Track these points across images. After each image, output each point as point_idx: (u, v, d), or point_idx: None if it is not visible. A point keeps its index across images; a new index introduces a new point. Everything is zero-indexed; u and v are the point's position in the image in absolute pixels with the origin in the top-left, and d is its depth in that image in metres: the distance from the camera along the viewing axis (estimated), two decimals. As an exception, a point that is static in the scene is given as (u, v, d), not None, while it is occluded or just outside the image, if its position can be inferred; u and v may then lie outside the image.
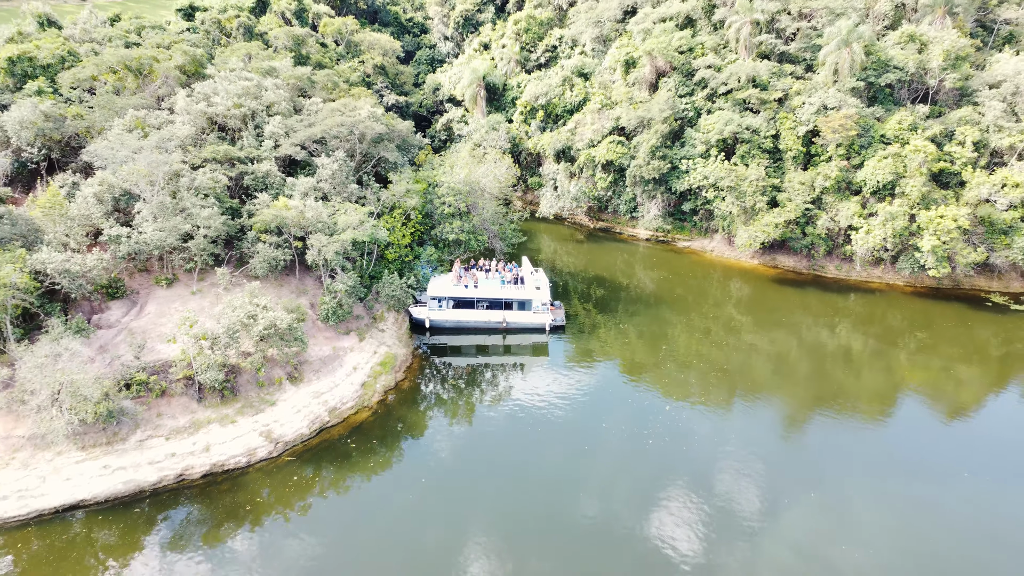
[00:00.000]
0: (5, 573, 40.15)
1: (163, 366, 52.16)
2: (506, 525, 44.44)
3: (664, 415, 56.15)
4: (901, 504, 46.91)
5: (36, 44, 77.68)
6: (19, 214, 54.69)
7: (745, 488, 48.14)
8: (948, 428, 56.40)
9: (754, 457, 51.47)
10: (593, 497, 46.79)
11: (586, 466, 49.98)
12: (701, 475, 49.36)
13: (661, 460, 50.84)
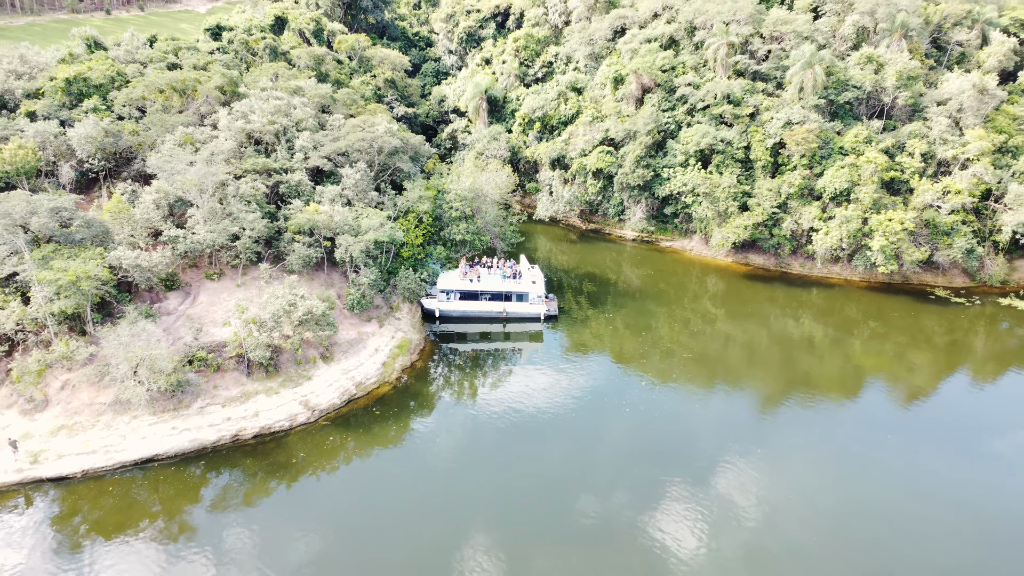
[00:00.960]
0: (98, 512, 49.95)
1: (217, 346, 62.05)
2: (500, 469, 54.33)
3: (641, 389, 66.08)
4: (831, 457, 56.87)
5: (89, 66, 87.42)
6: (92, 218, 64.52)
7: (701, 445, 58.12)
8: (886, 401, 66.31)
9: (714, 421, 61.51)
10: (575, 444, 56.70)
11: (573, 426, 59.87)
12: (666, 435, 59.37)
13: (635, 422, 60.79)
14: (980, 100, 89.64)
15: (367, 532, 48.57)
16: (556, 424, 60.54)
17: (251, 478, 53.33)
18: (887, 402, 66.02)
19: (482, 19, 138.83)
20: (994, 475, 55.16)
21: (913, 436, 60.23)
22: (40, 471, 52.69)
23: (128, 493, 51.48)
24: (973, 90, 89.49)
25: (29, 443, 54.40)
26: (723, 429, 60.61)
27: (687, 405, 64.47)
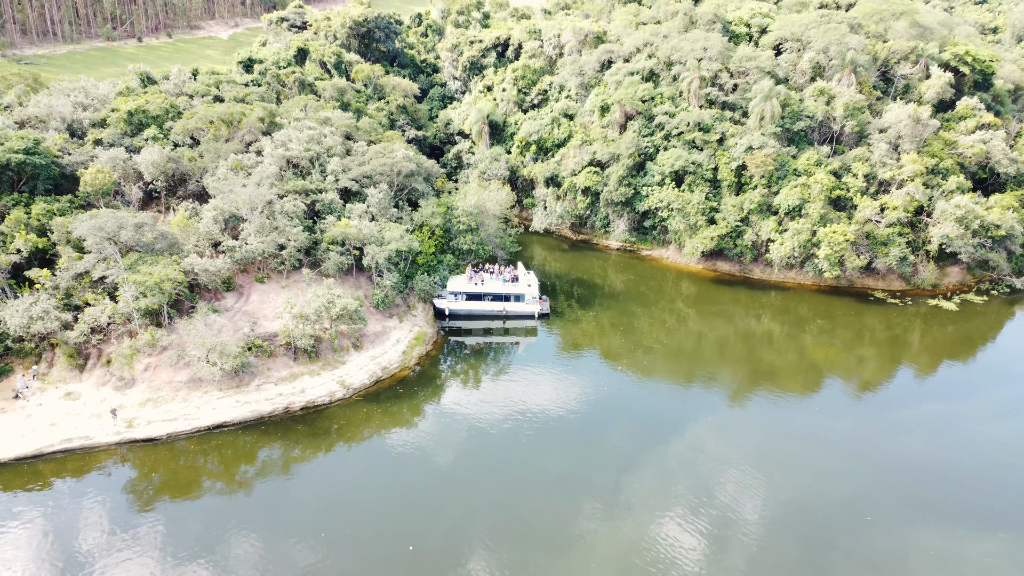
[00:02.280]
0: (179, 465, 63.67)
1: (270, 336, 75.91)
2: (497, 430, 68.14)
3: (618, 374, 79.93)
4: (770, 424, 70.71)
5: (146, 99, 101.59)
6: (166, 231, 78.50)
7: (664, 416, 71.99)
8: (824, 384, 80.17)
9: (684, 401, 75.42)
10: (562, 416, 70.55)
11: (562, 405, 73.70)
12: (633, 404, 73.24)
13: (611, 397, 74.64)
14: (915, 128, 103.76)
15: (392, 481, 62.24)
16: (546, 399, 74.34)
17: (300, 441, 67.08)
18: (824, 384, 79.84)
19: (484, 49, 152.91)
20: (892, 436, 68.89)
21: (839, 409, 74.12)
22: (134, 434, 66.43)
23: (203, 451, 65.21)
24: (909, 120, 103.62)
25: (123, 412, 68.15)
26: (690, 406, 74.48)
27: (659, 386, 78.33)
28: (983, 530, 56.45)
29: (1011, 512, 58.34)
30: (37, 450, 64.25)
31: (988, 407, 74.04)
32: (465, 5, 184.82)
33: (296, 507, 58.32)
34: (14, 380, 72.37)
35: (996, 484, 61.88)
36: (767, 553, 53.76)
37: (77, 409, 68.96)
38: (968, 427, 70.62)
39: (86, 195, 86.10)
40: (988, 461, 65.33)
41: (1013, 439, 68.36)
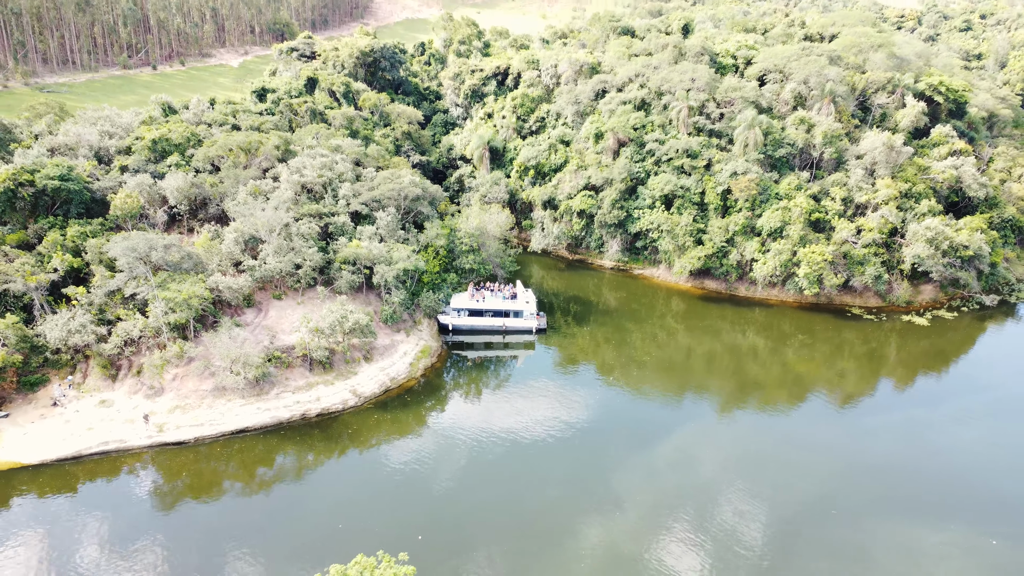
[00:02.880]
0: (205, 466, 69.59)
1: (287, 348, 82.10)
2: (496, 431, 74.12)
3: (611, 385, 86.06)
4: (750, 430, 76.78)
5: (169, 128, 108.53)
6: (193, 251, 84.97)
7: (653, 423, 78.05)
8: (803, 393, 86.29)
9: (665, 409, 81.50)
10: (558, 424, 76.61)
11: (558, 414, 79.74)
12: (624, 412, 79.30)
13: (604, 405, 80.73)
14: (890, 155, 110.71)
15: (402, 480, 68.15)
16: (543, 406, 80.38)
17: (316, 444, 73.06)
18: (803, 394, 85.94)
19: (484, 78, 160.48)
20: (862, 441, 74.92)
21: (815, 417, 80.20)
22: (164, 437, 72.43)
23: (228, 453, 71.18)
24: (884, 147, 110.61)
25: (154, 418, 74.19)
26: (677, 414, 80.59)
27: (649, 396, 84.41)
28: (938, 522, 62.34)
29: (964, 507, 64.25)
30: (76, 452, 70.23)
31: (952, 415, 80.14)
32: (466, 35, 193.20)
33: (315, 502, 64.23)
34: (51, 389, 78.41)
35: (953, 483, 67.84)
36: (739, 541, 59.59)
37: (111, 415, 75.01)
38: (932, 433, 76.67)
39: (115, 218, 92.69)
40: (948, 462, 71.32)
41: (972, 443, 74.40)
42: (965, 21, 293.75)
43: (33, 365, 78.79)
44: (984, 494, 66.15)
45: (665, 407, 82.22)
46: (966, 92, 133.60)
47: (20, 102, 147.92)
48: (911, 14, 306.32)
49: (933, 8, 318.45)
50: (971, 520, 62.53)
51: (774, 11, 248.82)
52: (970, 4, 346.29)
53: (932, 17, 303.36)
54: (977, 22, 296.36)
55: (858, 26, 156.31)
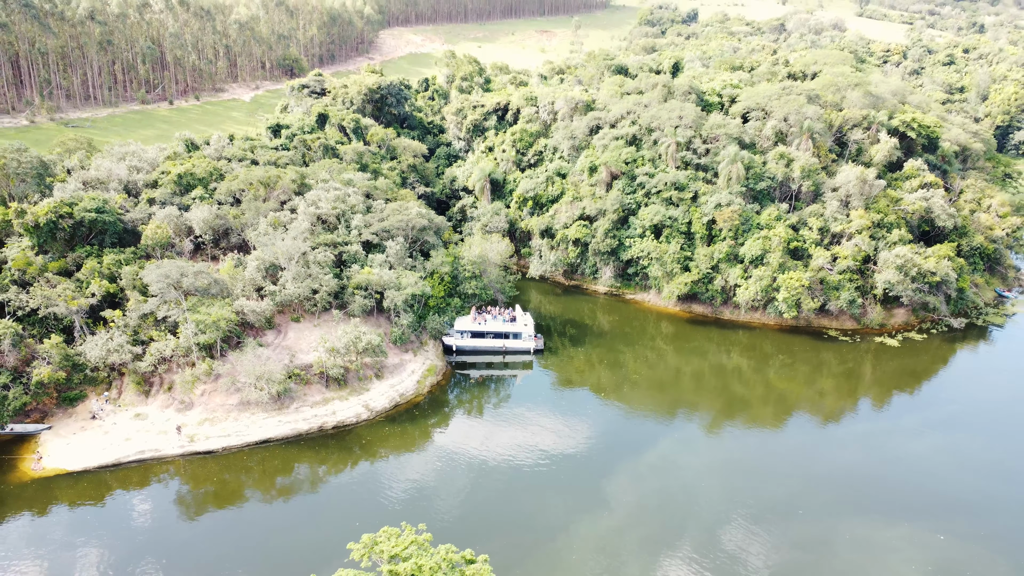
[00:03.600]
0: (233, 473, 76.79)
1: (305, 367, 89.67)
2: (496, 440, 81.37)
3: (603, 400, 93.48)
4: (728, 440, 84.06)
5: (193, 163, 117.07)
6: (220, 277, 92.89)
7: (640, 433, 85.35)
8: (783, 406, 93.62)
9: (652, 421, 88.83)
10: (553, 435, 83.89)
11: (554, 426, 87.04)
12: (614, 424, 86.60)
13: (596, 418, 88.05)
14: (863, 187, 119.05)
15: (410, 484, 75.33)
16: (540, 419, 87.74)
17: (333, 454, 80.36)
18: (780, 409, 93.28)
19: (485, 113, 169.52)
20: (829, 449, 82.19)
21: (789, 428, 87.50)
22: (195, 447, 79.73)
23: (254, 461, 78.44)
24: (857, 180, 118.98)
25: (186, 429, 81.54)
26: (663, 426, 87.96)
27: (637, 409, 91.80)
28: (892, 520, 69.44)
29: (916, 507, 71.39)
30: (116, 460, 77.54)
31: (913, 427, 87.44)
32: (468, 72, 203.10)
33: (333, 503, 71.48)
34: (90, 404, 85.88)
35: (908, 486, 75.00)
36: (714, 535, 66.70)
37: (146, 427, 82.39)
38: (893, 442, 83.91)
39: (146, 247, 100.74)
40: (905, 468, 78.52)
41: (929, 451, 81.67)
42: (948, 55, 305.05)
43: (74, 382, 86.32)
44: (934, 496, 73.27)
45: (652, 420, 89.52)
46: (937, 128, 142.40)
47: (48, 137, 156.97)
48: (896, 48, 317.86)
49: (918, 43, 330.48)
50: (921, 518, 69.61)
51: (762, 47, 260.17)
52: (954, 39, 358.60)
53: (917, 51, 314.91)
54: (960, 56, 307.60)
55: (837, 65, 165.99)
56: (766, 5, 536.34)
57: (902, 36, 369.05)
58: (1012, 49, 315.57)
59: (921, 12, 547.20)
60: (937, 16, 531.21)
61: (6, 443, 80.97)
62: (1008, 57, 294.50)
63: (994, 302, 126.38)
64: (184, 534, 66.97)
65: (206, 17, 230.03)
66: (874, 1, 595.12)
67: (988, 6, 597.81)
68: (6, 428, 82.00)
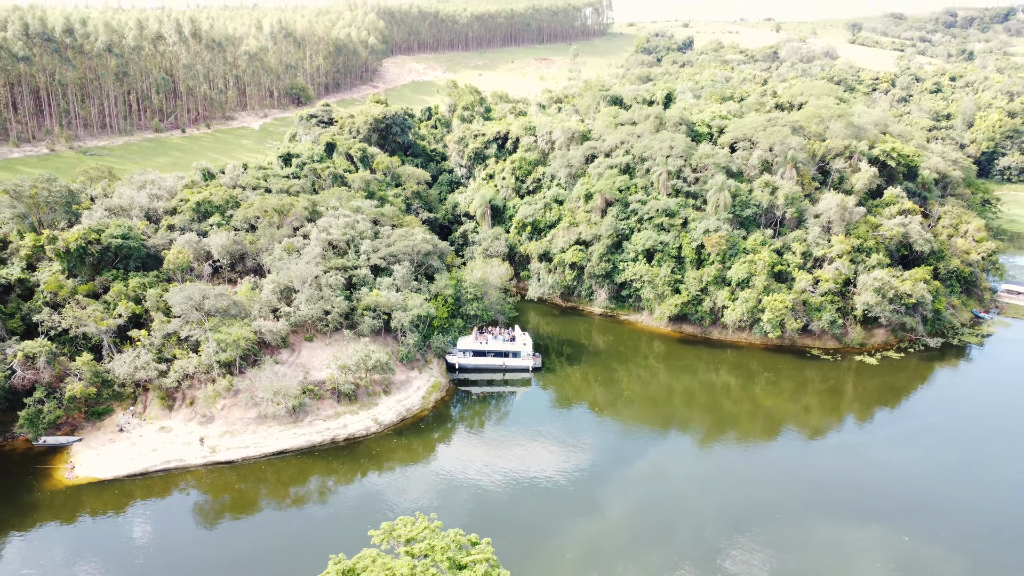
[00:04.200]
0: (252, 482, 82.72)
1: (319, 383, 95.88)
2: (497, 451, 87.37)
3: (597, 415, 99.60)
4: (713, 451, 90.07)
5: (211, 191, 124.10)
6: (239, 299, 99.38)
7: (631, 445, 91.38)
8: (765, 421, 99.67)
9: (643, 434, 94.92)
10: (550, 446, 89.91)
11: (551, 438, 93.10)
12: (607, 437, 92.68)
13: (591, 431, 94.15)
14: (843, 214, 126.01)
15: (417, 491, 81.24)
16: (538, 433, 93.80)
17: (345, 464, 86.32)
18: (763, 423, 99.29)
19: (486, 141, 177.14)
20: (805, 458, 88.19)
21: (770, 440, 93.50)
22: (217, 457, 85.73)
23: (271, 470, 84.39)
24: (838, 207, 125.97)
25: (208, 441, 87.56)
26: (653, 438, 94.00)
27: (629, 423, 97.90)
28: (863, 523, 75.24)
29: (885, 511, 77.16)
30: (144, 469, 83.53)
31: (886, 438, 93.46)
32: (470, 101, 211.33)
33: (344, 509, 77.35)
34: (117, 418, 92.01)
35: (879, 492, 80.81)
36: (698, 535, 72.55)
37: (171, 439, 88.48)
38: (868, 452, 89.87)
39: (168, 271, 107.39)
40: (876, 475, 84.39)
41: (899, 460, 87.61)
42: (935, 83, 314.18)
43: (103, 397, 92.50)
44: (902, 501, 79.09)
45: (643, 433, 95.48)
46: (916, 157, 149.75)
47: (69, 165, 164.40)
48: (885, 76, 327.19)
49: (906, 71, 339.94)
50: (889, 521, 75.41)
51: (753, 77, 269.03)
52: (942, 66, 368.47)
53: (905, 79, 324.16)
54: (947, 84, 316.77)
55: (822, 97, 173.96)
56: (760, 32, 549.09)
57: (892, 64, 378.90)
58: (998, 77, 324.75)
59: (912, 39, 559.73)
60: (928, 43, 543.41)
61: (40, 454, 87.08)
62: (993, 85, 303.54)
63: (971, 322, 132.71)
64: (207, 535, 72.84)
65: (217, 49, 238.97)
66: (866, 28, 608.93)
67: (979, 33, 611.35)
68: (40, 440, 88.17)
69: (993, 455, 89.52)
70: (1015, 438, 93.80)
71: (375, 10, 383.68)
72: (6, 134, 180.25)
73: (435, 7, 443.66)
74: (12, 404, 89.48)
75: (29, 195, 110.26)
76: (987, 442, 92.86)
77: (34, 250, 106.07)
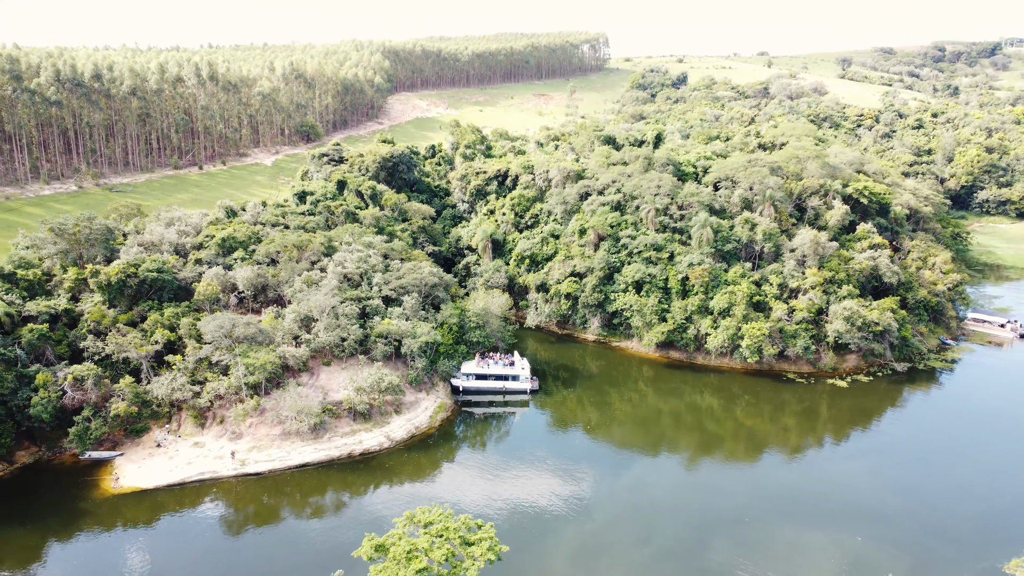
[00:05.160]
0: (277, 492, 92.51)
1: (336, 403, 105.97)
2: (498, 465, 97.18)
3: (589, 433, 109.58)
4: (690, 464, 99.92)
5: (234, 228, 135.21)
6: (264, 327, 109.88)
7: (618, 459, 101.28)
8: (740, 438, 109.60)
9: (629, 449, 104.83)
10: (545, 458, 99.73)
11: (547, 451, 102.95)
12: (597, 451, 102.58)
13: (582, 446, 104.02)
14: (816, 248, 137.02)
15: (427, 496, 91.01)
16: (535, 450, 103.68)
17: (360, 476, 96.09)
18: (738, 438, 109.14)
19: (487, 179, 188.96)
20: (771, 471, 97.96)
21: (741, 455, 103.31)
22: (246, 469, 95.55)
23: (295, 481, 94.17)
24: (811, 242, 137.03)
25: (238, 455, 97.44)
26: (639, 453, 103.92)
27: (616, 438, 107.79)
28: (821, 526, 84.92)
29: (841, 516, 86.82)
30: (181, 480, 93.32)
31: (846, 452, 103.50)
32: (471, 140, 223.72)
33: (360, 515, 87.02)
34: (154, 434, 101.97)
35: (835, 500, 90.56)
36: (673, 536, 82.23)
37: (204, 453, 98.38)
38: (829, 465, 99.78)
39: (198, 301, 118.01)
40: (836, 486, 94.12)
41: (857, 472, 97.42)
42: (918, 120, 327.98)
43: (142, 415, 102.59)
44: (856, 508, 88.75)
45: (630, 449, 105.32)
46: (888, 195, 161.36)
47: (96, 202, 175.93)
48: (869, 113, 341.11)
49: (890, 107, 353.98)
50: (844, 525, 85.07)
51: (740, 116, 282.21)
52: (925, 101, 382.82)
53: (889, 115, 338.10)
54: (929, 120, 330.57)
55: (802, 138, 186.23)
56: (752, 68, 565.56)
57: (878, 100, 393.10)
58: (978, 113, 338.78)
59: (901, 74, 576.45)
60: (916, 79, 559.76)
61: (86, 467, 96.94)
62: (973, 121, 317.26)
63: (937, 349, 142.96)
64: (241, 536, 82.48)
65: (232, 90, 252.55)
66: (856, 62, 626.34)
67: (966, 67, 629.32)
68: (86, 455, 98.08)
69: (939, 469, 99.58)
70: (959, 454, 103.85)
71: (380, 50, 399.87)
72: (37, 172, 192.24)
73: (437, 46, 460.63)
74: (61, 422, 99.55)
75: (72, 232, 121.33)
76: (934, 456, 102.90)
77: (76, 283, 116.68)
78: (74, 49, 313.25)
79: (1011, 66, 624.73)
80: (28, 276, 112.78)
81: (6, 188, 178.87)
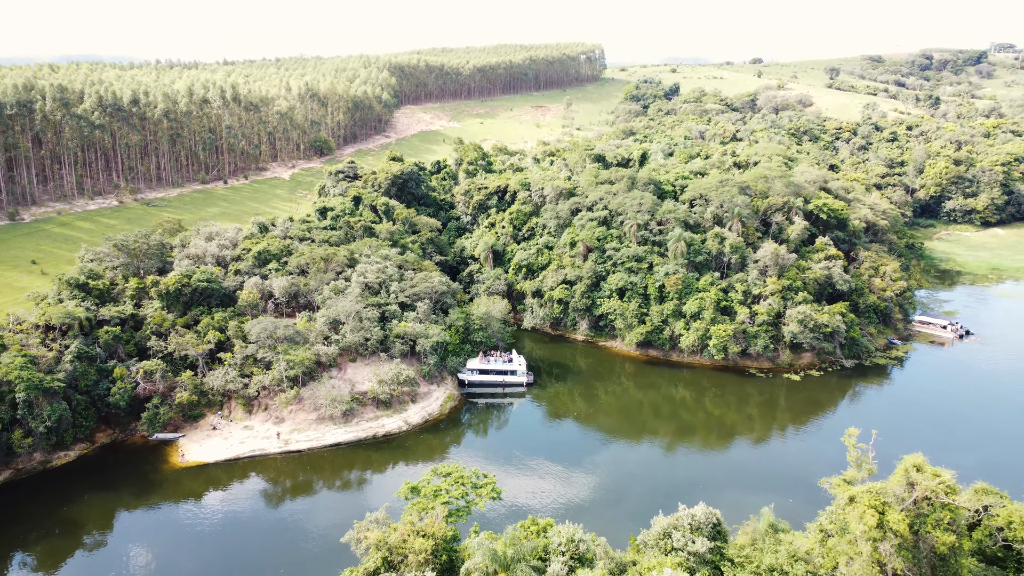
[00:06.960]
0: (317, 465, 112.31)
1: (362, 393, 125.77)
2: (500, 447, 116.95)
3: (578, 421, 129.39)
4: (662, 445, 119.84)
5: (268, 242, 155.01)
6: (301, 330, 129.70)
7: (602, 443, 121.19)
8: (707, 424, 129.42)
9: (612, 435, 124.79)
10: (540, 444, 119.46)
11: (541, 437, 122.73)
12: (584, 439, 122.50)
13: (572, 434, 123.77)
14: (777, 259, 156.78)
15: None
16: (529, 434, 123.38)
17: (384, 452, 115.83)
18: (705, 425, 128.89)
19: (488, 194, 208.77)
20: (732, 451, 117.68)
21: (709, 436, 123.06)
22: (289, 448, 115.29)
23: (330, 458, 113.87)
24: (772, 254, 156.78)
25: (282, 436, 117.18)
26: (620, 436, 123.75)
27: (601, 427, 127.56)
28: (764, 492, 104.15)
29: (781, 485, 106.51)
30: (236, 456, 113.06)
31: (793, 433, 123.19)
32: (474, 157, 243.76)
33: (385, 484, 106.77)
34: (210, 419, 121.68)
35: (778, 471, 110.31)
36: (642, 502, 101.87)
37: (253, 435, 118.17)
38: (776, 443, 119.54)
39: (241, 307, 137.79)
40: (784, 462, 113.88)
41: (797, 450, 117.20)
42: (892, 133, 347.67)
43: (200, 404, 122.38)
44: (793, 477, 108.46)
45: (612, 432, 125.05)
46: (845, 211, 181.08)
47: (137, 215, 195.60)
48: (847, 126, 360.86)
49: (868, 120, 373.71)
50: (782, 490, 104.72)
51: (723, 132, 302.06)
52: (900, 115, 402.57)
53: (866, 129, 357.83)
54: (903, 134, 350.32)
55: (772, 157, 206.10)
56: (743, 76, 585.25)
57: (859, 111, 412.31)
58: (950, 126, 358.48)
59: (887, 82, 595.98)
60: (901, 87, 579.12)
61: (153, 447, 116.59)
62: (944, 135, 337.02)
63: (884, 347, 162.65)
64: (285, 502, 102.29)
65: (254, 110, 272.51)
66: (845, 71, 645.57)
67: (951, 75, 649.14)
68: (154, 437, 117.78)
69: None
70: (891, 436, 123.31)
71: (387, 66, 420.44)
72: (82, 189, 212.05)
73: (440, 61, 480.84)
74: (133, 409, 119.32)
75: (132, 248, 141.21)
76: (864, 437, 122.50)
77: (137, 291, 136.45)
78: (103, 66, 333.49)
79: (995, 74, 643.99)
80: (98, 285, 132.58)
81: (57, 204, 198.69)
